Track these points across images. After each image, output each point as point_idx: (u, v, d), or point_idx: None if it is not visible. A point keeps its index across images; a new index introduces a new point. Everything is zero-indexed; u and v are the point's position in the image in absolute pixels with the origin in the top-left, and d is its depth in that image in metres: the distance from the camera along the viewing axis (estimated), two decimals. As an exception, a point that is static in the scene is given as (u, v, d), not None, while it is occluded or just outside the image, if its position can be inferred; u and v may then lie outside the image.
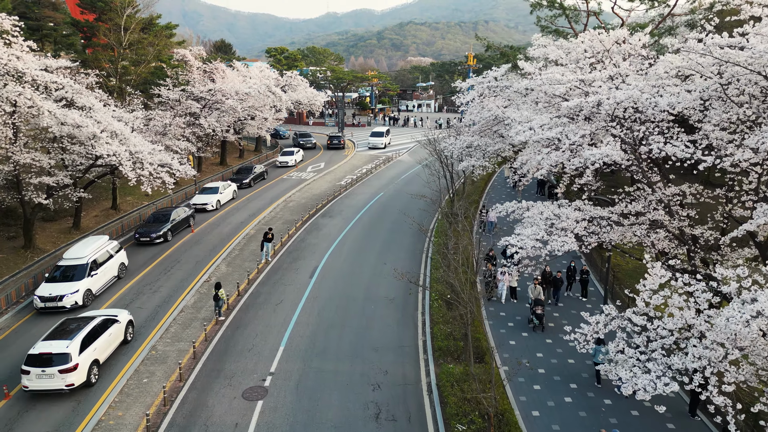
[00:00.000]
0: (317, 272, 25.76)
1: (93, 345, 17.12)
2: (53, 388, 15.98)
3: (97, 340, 17.43)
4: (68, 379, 15.95)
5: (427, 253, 28.29)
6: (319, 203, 37.46)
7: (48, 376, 15.83)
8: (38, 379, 15.86)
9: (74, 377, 16.06)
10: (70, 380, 15.97)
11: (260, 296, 23.33)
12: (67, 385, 15.96)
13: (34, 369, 15.86)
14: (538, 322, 19.90)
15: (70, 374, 15.97)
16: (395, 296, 23.22)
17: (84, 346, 16.73)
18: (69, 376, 15.95)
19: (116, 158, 24.94)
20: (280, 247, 29.29)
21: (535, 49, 25.62)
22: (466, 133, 29.66)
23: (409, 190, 41.11)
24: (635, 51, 18.07)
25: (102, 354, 17.66)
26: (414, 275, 25.38)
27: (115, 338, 18.55)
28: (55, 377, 15.83)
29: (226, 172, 46.62)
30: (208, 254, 28.21)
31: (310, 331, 20.22)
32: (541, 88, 17.86)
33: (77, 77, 31.75)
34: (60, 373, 15.83)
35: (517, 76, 28.67)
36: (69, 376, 15.95)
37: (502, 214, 18.82)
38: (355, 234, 31.30)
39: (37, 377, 15.85)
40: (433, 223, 33.15)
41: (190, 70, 43.48)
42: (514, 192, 39.61)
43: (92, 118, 25.28)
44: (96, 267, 23.27)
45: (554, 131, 15.42)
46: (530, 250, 15.07)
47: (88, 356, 16.76)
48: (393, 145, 61.83)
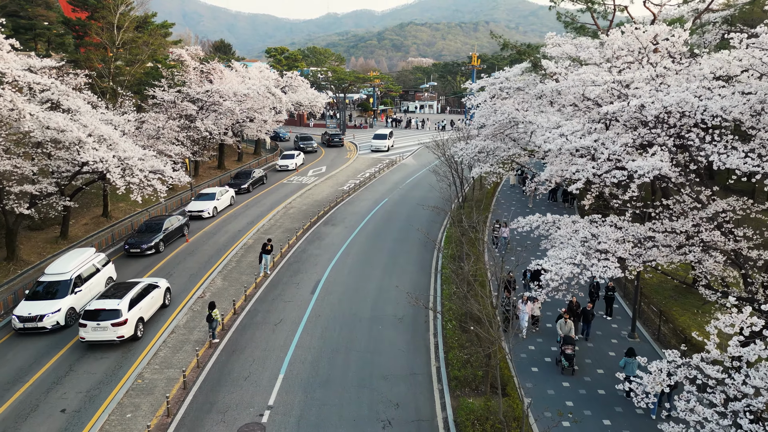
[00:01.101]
0: (319, 287, 23.99)
1: (139, 305, 19.79)
2: (106, 339, 18.74)
3: (142, 301, 20.08)
4: (119, 332, 18.70)
5: (437, 265, 26.52)
6: (320, 210, 35.70)
7: (102, 329, 18.61)
8: (93, 331, 18.64)
9: (124, 330, 18.81)
10: (120, 333, 18.73)
11: (258, 315, 21.56)
12: (118, 337, 18.72)
13: (91, 323, 18.60)
14: (568, 364, 17.10)
15: (121, 327, 18.70)
16: (404, 315, 21.45)
17: (132, 305, 19.40)
18: (119, 329, 18.69)
19: (103, 165, 23.18)
20: (279, 259, 27.53)
21: (551, 48, 23.89)
22: (478, 137, 27.87)
23: (414, 196, 39.37)
24: (675, 49, 16.33)
25: (146, 313, 20.34)
26: (423, 291, 23.63)
27: (156, 301, 21.28)
28: (108, 330, 18.61)
29: (224, 176, 44.88)
30: (202, 267, 26.44)
31: (312, 356, 18.45)
32: (571, 90, 16.11)
33: (66, 78, 30.01)
34: (112, 326, 18.59)
35: (533, 77, 26.91)
36: (120, 329, 18.69)
37: (525, 228, 17.00)
38: (359, 244, 29.54)
39: (92, 330, 18.61)
40: (442, 232, 31.41)
41: (186, 70, 41.74)
42: (524, 198, 37.84)
43: (78, 122, 23.53)
44: (80, 283, 21.48)
45: (589, 139, 13.68)
46: (566, 275, 13.27)
47: (135, 314, 19.45)
48: (396, 147, 60.09)
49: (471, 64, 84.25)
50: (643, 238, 13.78)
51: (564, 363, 17.13)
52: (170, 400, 15.85)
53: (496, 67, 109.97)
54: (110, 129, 25.10)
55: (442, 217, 34.49)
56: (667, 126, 13.38)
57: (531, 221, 16.61)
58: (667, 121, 13.76)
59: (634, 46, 16.58)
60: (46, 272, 21.58)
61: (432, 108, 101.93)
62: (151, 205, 34.46)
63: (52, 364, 18.27)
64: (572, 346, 17.08)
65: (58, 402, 16.22)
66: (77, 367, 18.05)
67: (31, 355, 18.79)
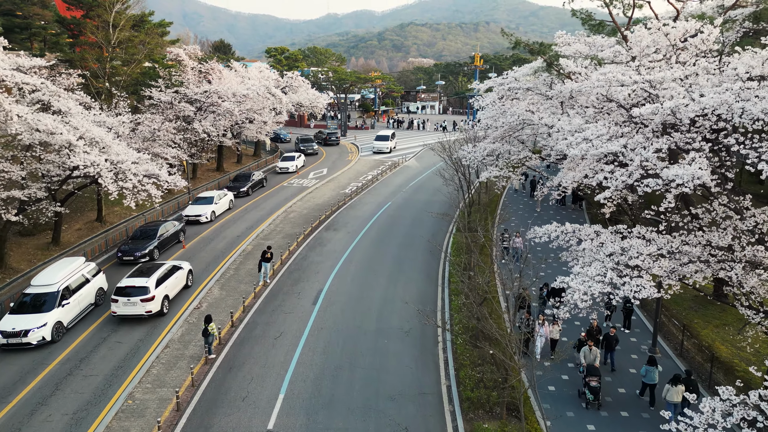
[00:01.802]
0: (321, 297, 22.89)
1: (165, 283, 21.43)
2: (135, 314, 20.34)
3: (167, 280, 21.71)
4: (147, 307, 20.29)
5: (444, 273, 25.41)
6: (322, 214, 34.60)
7: (132, 304, 20.20)
8: (124, 306, 20.26)
9: (151, 306, 20.41)
10: (148, 308, 20.32)
11: (257, 327, 20.45)
12: (146, 312, 20.33)
13: (122, 298, 20.22)
14: (593, 398, 15.17)
15: (149, 303, 20.32)
16: (411, 327, 20.34)
17: (158, 283, 21.02)
18: (148, 305, 20.30)
19: (94, 169, 22.07)
20: (279, 266, 26.42)
21: (563, 47, 22.79)
22: (486, 140, 26.76)
23: (419, 200, 38.29)
24: (705, 46, 15.24)
25: (171, 291, 21.98)
26: (430, 302, 22.53)
27: (180, 281, 22.86)
28: (137, 305, 20.21)
29: (223, 179, 43.78)
30: (199, 275, 25.32)
31: (314, 374, 17.34)
32: (594, 91, 14.99)
33: (58, 78, 28.94)
34: (141, 302, 20.20)
35: (543, 77, 25.79)
36: (148, 304, 20.30)
37: (543, 239, 15.87)
38: (362, 250, 28.43)
39: (123, 305, 20.24)
40: (448, 237, 30.30)
41: (184, 70, 40.66)
42: (532, 202, 36.75)
43: (69, 124, 22.43)
44: (69, 295, 20.32)
45: (617, 144, 12.58)
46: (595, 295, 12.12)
47: (162, 291, 21.06)
48: (399, 149, 59.01)
49: (474, 65, 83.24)
50: (677, 253, 12.66)
51: (589, 396, 15.21)
52: (162, 423, 14.76)
53: (499, 67, 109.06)
54: (103, 131, 24.02)
55: (447, 221, 33.41)
56: (705, 130, 12.30)
57: (549, 231, 15.49)
58: (702, 124, 12.68)
59: (661, 43, 15.49)
60: (33, 283, 20.43)
61: (434, 109, 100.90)
62: (147, 209, 33.36)
63: (37, 382, 17.16)
64: (598, 378, 15.10)
65: (42, 426, 15.11)
66: (64, 386, 16.94)
67: (15, 373, 17.68)
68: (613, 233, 14.03)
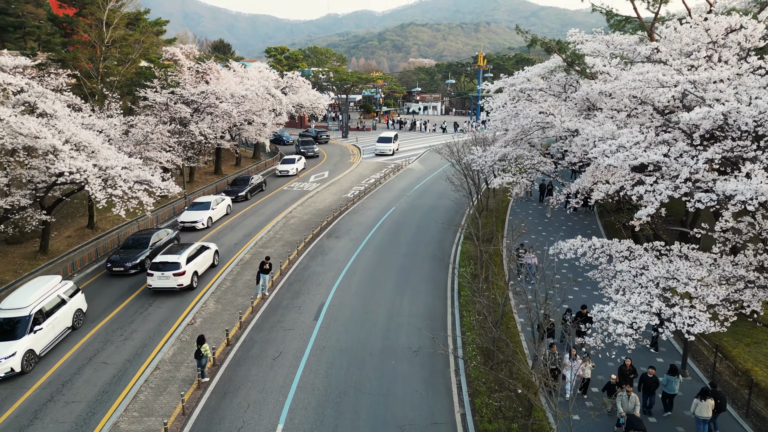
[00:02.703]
0: (324, 311, 21.47)
1: (194, 261, 23.48)
2: (168, 287, 22.48)
3: (197, 258, 23.77)
4: (179, 281, 22.38)
5: (453, 284, 23.98)
6: (323, 220, 33.19)
7: (165, 278, 22.31)
8: (159, 280, 22.38)
9: (182, 279, 22.46)
10: (180, 281, 22.40)
11: (254, 346, 19.03)
12: (178, 285, 22.42)
13: (156, 272, 22.34)
14: None
15: (180, 277, 22.38)
16: (420, 346, 18.90)
17: (189, 260, 23.04)
18: (179, 279, 22.37)
19: (81, 176, 20.65)
20: (279, 277, 25.01)
21: (582, 44, 21.39)
22: (497, 143, 25.34)
23: (423, 205, 36.87)
24: (750, 43, 13.83)
25: (199, 268, 24.02)
26: (439, 317, 21.10)
27: (207, 260, 24.89)
28: (170, 279, 22.32)
29: (221, 182, 42.38)
30: (194, 286, 23.92)
31: (316, 401, 15.92)
32: (627, 93, 13.59)
33: (46, 78, 27.55)
34: (174, 276, 22.29)
35: (557, 77, 24.42)
36: (179, 278, 22.37)
37: (569, 255, 14.42)
38: (366, 260, 27.02)
39: (158, 278, 22.34)
40: (456, 245, 28.87)
41: (180, 70, 39.28)
42: (541, 207, 35.33)
43: (54, 128, 21.02)
44: (42, 319, 18.30)
45: (658, 152, 11.20)
46: (642, 328, 10.67)
47: (192, 267, 23.14)
48: (401, 151, 57.60)
49: (477, 65, 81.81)
50: (731, 277, 11.24)
51: None
52: (148, 460, 13.35)
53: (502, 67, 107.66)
54: (91, 135, 22.62)
55: (454, 228, 32.00)
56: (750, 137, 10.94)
57: (575, 246, 14.05)
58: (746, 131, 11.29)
59: (702, 40, 14.08)
60: (2, 307, 18.43)
61: (436, 109, 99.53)
62: (141, 216, 31.94)
63: (14, 410, 15.74)
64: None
65: (16, 461, 13.72)
66: (43, 414, 15.52)
67: (-9, 399, 16.26)
68: (649, 251, 12.60)
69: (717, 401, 13.74)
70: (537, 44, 20.11)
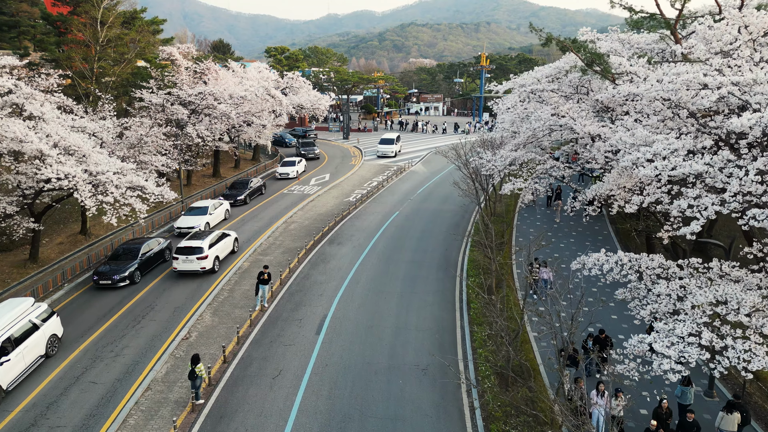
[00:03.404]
0: (326, 325, 20.35)
1: (216, 246, 25.23)
2: (192, 269, 24.18)
3: (218, 244, 25.49)
4: (202, 264, 24.11)
5: (461, 295, 22.86)
6: (325, 225, 32.08)
7: (189, 261, 24.03)
8: (183, 263, 24.11)
9: (205, 263, 24.21)
10: (202, 264, 24.13)
11: (253, 364, 17.91)
12: (201, 268, 24.16)
13: (182, 256, 24.01)
14: None
15: (203, 261, 24.13)
16: (428, 364, 17.79)
17: (211, 245, 24.80)
18: (202, 262, 24.11)
19: (69, 182, 19.52)
20: (278, 287, 23.90)
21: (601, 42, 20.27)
22: (506, 147, 24.22)
23: (428, 209, 35.74)
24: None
25: (221, 253, 25.77)
26: (448, 331, 19.97)
27: (227, 246, 26.74)
28: (194, 262, 24.06)
29: (220, 186, 41.28)
30: (189, 297, 22.82)
31: (318, 426, 14.79)
32: (660, 95, 12.47)
33: (36, 79, 26.42)
34: (197, 260, 24.01)
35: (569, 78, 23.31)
36: (202, 262, 24.11)
37: (591, 272, 13.27)
38: (369, 268, 25.90)
39: (182, 262, 24.07)
40: (462, 253, 27.75)
41: (177, 70, 38.17)
42: (549, 211, 34.21)
43: (41, 131, 19.90)
44: (10, 348, 16.53)
45: (700, 163, 10.11)
46: (692, 363, 9.50)
47: (213, 252, 24.85)
48: (404, 153, 56.50)
49: (480, 65, 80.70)
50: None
51: None
52: (136, 496, 12.23)
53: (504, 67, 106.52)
54: (81, 138, 21.49)
55: (460, 234, 30.91)
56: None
57: (599, 262, 12.90)
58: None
59: (742, 37, 12.98)
60: None
61: (438, 110, 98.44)
62: (136, 221, 30.81)
63: (-7, 436, 14.65)
64: None
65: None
66: (24, 441, 14.42)
67: (-31, 424, 15.15)
68: (684, 268, 11.46)
69: (742, 414, 13.12)
70: (552, 43, 19.04)
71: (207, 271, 24.39)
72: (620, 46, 21.72)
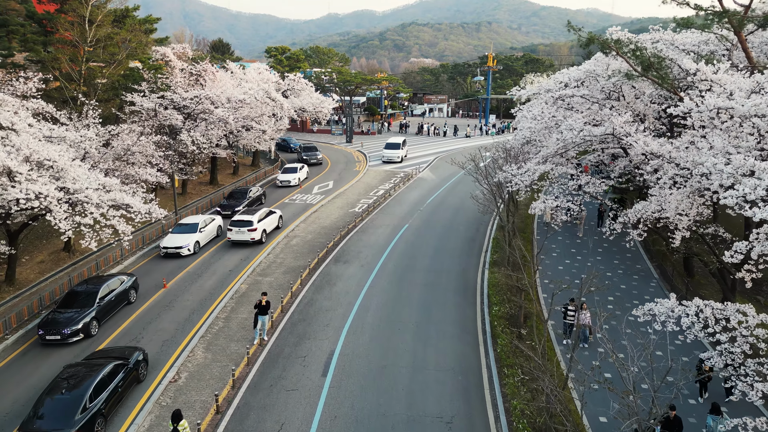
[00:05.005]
0: (333, 364, 17.94)
1: (264, 221, 29.36)
2: (243, 240, 28.37)
3: (266, 219, 29.70)
4: (251, 235, 28.28)
5: (484, 326, 20.45)
6: (329, 240, 29.69)
7: (241, 232, 28.23)
8: (236, 234, 28.28)
9: (254, 234, 28.38)
10: (252, 236, 28.30)
11: (250, 414, 15.49)
12: (251, 239, 28.29)
13: (235, 228, 28.26)
14: None
15: (253, 233, 28.32)
16: (453, 414, 15.39)
17: (259, 220, 28.97)
18: (252, 234, 28.30)
19: (41, 202, 17.11)
20: (280, 314, 21.51)
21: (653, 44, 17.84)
22: (533, 160, 21.80)
23: (439, 221, 33.33)
24: None
25: (268, 227, 29.87)
26: (473, 372, 17.56)
27: (273, 222, 30.76)
28: (245, 233, 28.24)
29: (217, 194, 38.87)
30: (182, 325, 20.44)
31: (328, 502, 12.41)
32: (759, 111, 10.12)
33: (13, 83, 24.05)
34: (248, 231, 28.22)
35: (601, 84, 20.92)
36: (252, 233, 28.30)
37: (669, 326, 10.82)
38: (379, 292, 23.50)
39: (236, 233, 28.25)
40: (481, 274, 25.36)
41: (171, 72, 35.79)
42: (571, 224, 31.72)
43: (9, 143, 17.50)
44: None
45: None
46: None
47: (261, 225, 28.98)
48: (409, 158, 54.11)
49: (486, 65, 78.25)
50: None
51: None
52: None
53: (511, 67, 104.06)
54: (58, 150, 19.08)
55: (477, 249, 28.56)
56: None
57: (673, 314, 10.45)
58: None
59: None
60: None
61: (442, 111, 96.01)
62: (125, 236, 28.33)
63: None
64: None
65: None
66: None
67: None
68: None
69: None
70: (594, 43, 16.71)
71: (255, 242, 28.39)
72: (663, 48, 19.31)
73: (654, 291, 23.21)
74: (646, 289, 23.44)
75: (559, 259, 26.84)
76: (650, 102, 21.35)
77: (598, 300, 20.19)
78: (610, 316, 14.23)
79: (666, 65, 15.40)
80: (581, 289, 12.88)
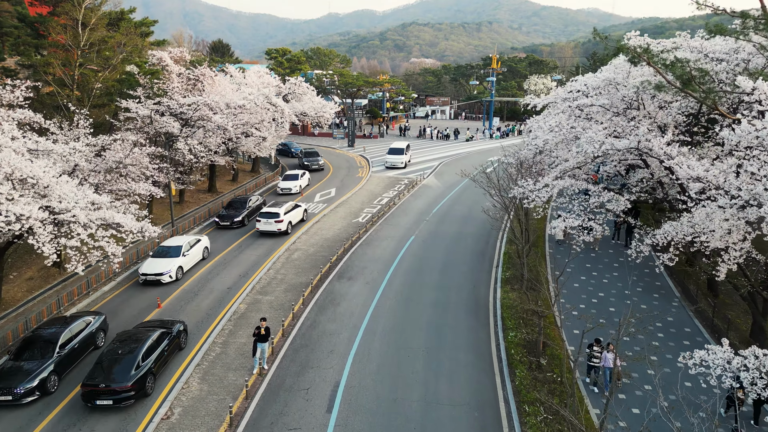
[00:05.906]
0: (339, 397, 16.63)
1: (289, 213, 31.93)
2: (271, 230, 31.02)
3: (291, 212, 32.27)
4: (278, 226, 30.89)
5: (500, 353, 19.14)
6: (332, 254, 28.39)
7: (269, 223, 30.94)
8: (264, 225, 31.01)
9: (281, 225, 30.97)
10: (278, 227, 30.91)
11: (249, 459, 14.20)
12: (278, 229, 30.93)
13: (264, 219, 31.02)
14: None
15: (279, 224, 30.93)
16: (470, 458, 14.08)
17: (286, 213, 31.57)
18: (279, 225, 30.91)
19: (22, 225, 15.81)
20: (281, 339, 20.20)
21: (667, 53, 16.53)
22: (550, 174, 20.48)
23: (447, 233, 32.01)
24: None
25: (293, 219, 32.45)
26: (489, 405, 16.24)
27: (299, 214, 33.35)
28: (273, 224, 30.90)
29: (215, 203, 37.57)
30: (173, 360, 19.09)
31: None
32: None
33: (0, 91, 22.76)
34: (275, 222, 30.88)
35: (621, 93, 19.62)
36: (279, 224, 30.91)
37: (717, 375, 9.54)
38: (386, 312, 22.19)
39: (264, 224, 30.98)
40: (493, 291, 24.06)
41: (168, 77, 34.48)
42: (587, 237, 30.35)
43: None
44: None
45: None
46: None
47: (287, 217, 31.57)
48: (413, 163, 52.81)
49: (491, 67, 76.92)
50: None
51: None
52: None
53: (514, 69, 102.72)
54: (43, 166, 17.76)
55: (487, 264, 27.26)
56: None
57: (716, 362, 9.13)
58: None
59: None
60: None
61: (444, 114, 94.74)
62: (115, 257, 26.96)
63: None
64: None
65: None
66: None
67: None
68: None
69: None
70: (625, 51, 15.39)
71: (282, 233, 30.83)
72: (691, 55, 18.02)
73: (677, 312, 21.91)
74: (668, 308, 22.14)
75: (575, 275, 25.52)
76: (677, 113, 20.05)
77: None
78: (639, 360, 12.90)
79: (709, 79, 14.12)
80: (619, 331, 11.55)
